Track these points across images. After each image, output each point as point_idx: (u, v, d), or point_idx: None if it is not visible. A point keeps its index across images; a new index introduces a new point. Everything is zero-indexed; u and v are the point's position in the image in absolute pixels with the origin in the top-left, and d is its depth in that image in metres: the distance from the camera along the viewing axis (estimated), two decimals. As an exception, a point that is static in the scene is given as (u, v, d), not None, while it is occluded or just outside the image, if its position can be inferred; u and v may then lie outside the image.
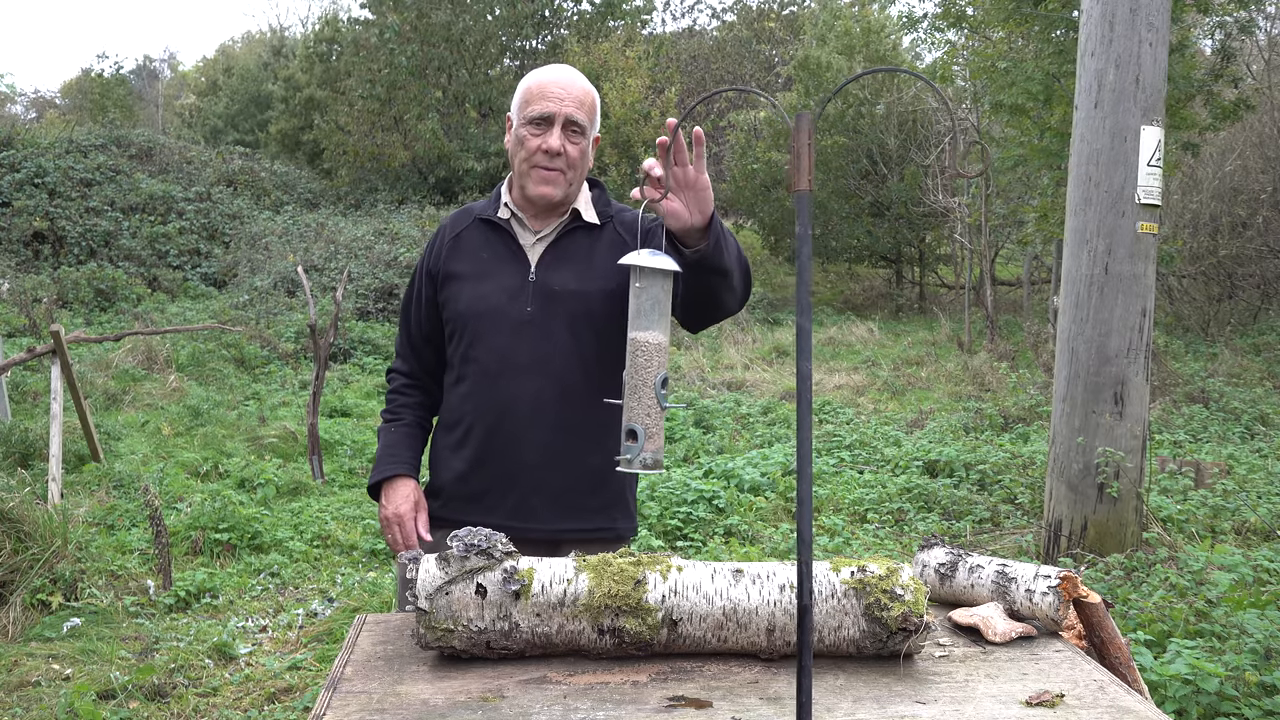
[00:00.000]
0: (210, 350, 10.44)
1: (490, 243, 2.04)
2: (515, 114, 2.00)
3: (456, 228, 2.09)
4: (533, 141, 1.95)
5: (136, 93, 33.72)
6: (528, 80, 2.00)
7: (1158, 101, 4.30)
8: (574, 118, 1.94)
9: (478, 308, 2.00)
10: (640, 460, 1.56)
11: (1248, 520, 5.06)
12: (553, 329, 1.98)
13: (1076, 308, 4.43)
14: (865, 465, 6.86)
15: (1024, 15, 9.32)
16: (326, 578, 4.94)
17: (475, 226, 2.07)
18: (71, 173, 16.20)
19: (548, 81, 1.96)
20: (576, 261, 2.01)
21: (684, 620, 1.48)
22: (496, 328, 1.98)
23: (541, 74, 1.99)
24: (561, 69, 2.00)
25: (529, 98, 1.96)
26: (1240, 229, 13.01)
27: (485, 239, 2.05)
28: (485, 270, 2.02)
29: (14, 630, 3.99)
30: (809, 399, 1.19)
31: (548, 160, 1.95)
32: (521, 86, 2.01)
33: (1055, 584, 1.60)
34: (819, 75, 17.40)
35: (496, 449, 1.99)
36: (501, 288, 1.99)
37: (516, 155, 1.99)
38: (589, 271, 2.00)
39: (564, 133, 1.95)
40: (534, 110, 1.94)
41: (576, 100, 1.95)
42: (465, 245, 2.06)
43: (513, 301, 1.98)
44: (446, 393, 2.10)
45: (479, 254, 2.04)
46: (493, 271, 2.01)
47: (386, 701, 1.37)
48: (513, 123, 2.01)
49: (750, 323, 14.47)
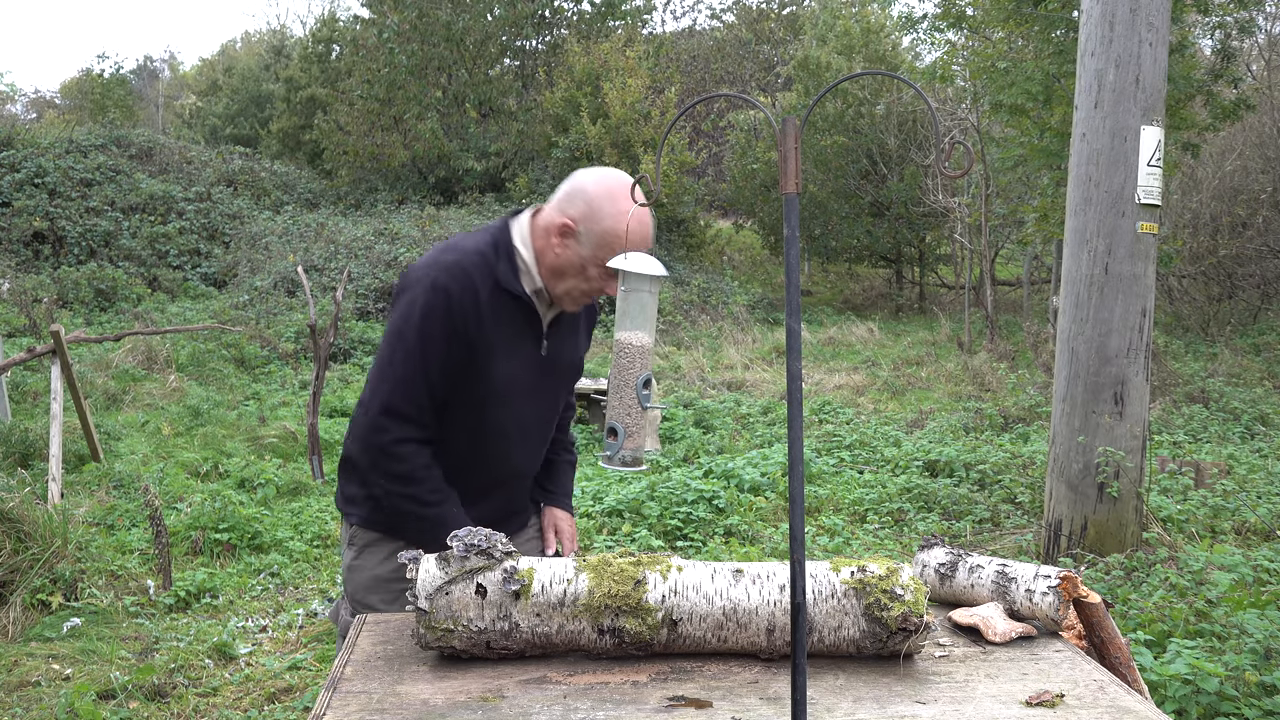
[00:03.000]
0: (210, 350, 10.44)
1: (515, 315, 1.98)
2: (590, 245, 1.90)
3: (481, 291, 1.93)
4: (598, 284, 1.94)
5: (136, 93, 33.71)
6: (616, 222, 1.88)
7: (1158, 101, 4.30)
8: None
9: (509, 384, 1.98)
10: (620, 457, 1.57)
11: (1248, 520, 5.06)
12: (553, 397, 2.13)
13: (1076, 308, 4.43)
14: (865, 465, 6.86)
15: (1024, 15, 9.31)
16: (326, 578, 4.94)
17: (501, 294, 1.95)
18: (71, 173, 16.20)
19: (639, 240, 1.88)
20: (571, 333, 2.13)
21: (684, 620, 1.48)
22: (518, 400, 2.02)
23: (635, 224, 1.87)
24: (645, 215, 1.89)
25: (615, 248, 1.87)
26: (1240, 229, 13.01)
27: (511, 309, 1.97)
28: (514, 344, 1.98)
29: (14, 630, 3.99)
30: (800, 398, 1.20)
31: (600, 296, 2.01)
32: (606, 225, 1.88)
33: (1055, 584, 1.60)
34: (819, 75, 17.39)
35: (499, 502, 2.11)
36: (526, 363, 2.01)
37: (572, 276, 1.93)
38: (575, 337, 2.14)
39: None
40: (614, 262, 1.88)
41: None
42: (496, 313, 1.95)
43: (530, 375, 2.02)
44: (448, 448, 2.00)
45: (506, 325, 1.97)
46: (519, 346, 1.99)
47: (386, 701, 1.37)
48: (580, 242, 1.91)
49: (750, 323, 14.47)
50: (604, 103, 17.81)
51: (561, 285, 1.96)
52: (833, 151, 17.19)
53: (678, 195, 17.80)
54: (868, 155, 17.45)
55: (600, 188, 1.90)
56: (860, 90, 17.14)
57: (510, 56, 21.74)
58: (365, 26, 20.68)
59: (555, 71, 19.64)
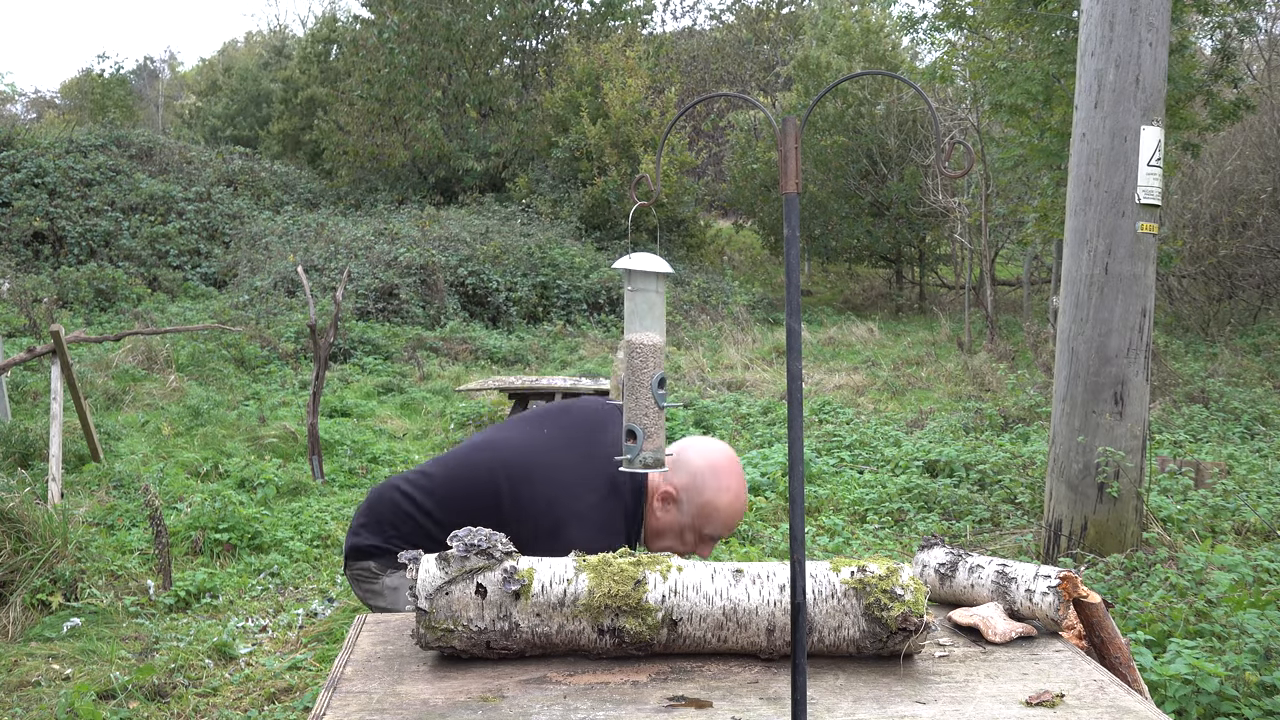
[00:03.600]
0: (210, 350, 10.44)
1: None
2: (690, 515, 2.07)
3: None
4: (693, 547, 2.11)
5: (136, 93, 33.71)
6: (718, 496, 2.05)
7: (1158, 101, 4.30)
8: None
9: None
10: (641, 460, 1.57)
11: (1248, 520, 5.06)
12: None
13: (1076, 308, 4.43)
14: (865, 465, 6.86)
15: (1024, 15, 9.31)
16: (326, 578, 4.94)
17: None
18: (71, 173, 16.20)
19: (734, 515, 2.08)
20: None
21: (684, 620, 1.48)
22: None
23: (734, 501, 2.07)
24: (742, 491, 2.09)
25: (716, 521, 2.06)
26: (1240, 229, 13.01)
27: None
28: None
29: (14, 630, 3.99)
30: (800, 398, 1.20)
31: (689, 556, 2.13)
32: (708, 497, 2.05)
33: (1055, 584, 1.60)
34: (819, 75, 17.40)
35: None
36: None
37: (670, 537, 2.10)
38: None
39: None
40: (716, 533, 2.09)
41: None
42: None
43: None
44: None
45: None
46: None
47: (386, 701, 1.37)
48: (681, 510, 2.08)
49: (750, 323, 14.48)
50: (604, 103, 17.82)
51: (658, 544, 2.12)
52: (833, 151, 17.19)
53: (678, 195, 17.81)
54: (868, 155, 17.45)
55: (704, 461, 2.08)
56: (860, 90, 17.14)
57: (510, 56, 21.75)
58: (365, 27, 20.69)
59: (555, 71, 19.64)
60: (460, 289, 14.12)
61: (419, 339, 12.13)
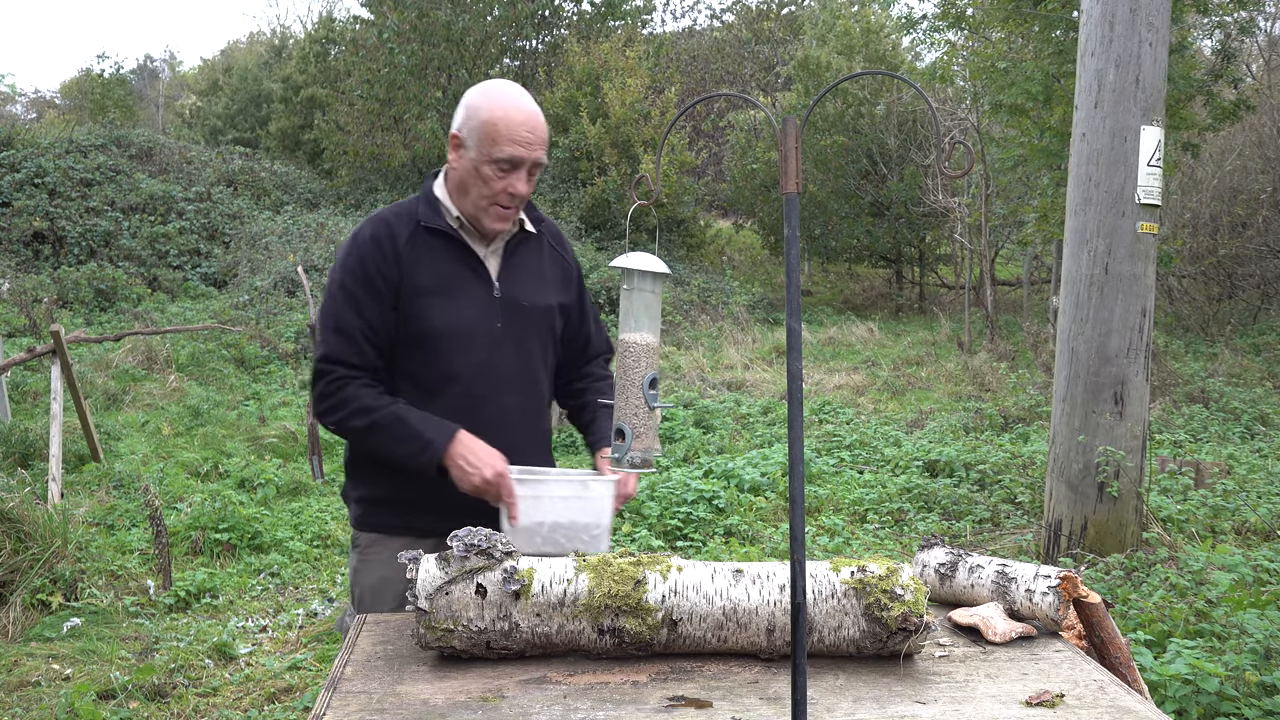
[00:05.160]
0: (210, 350, 10.44)
1: (448, 255, 2.00)
2: (475, 144, 1.92)
3: (399, 234, 1.98)
4: (498, 184, 1.93)
5: (136, 93, 33.71)
6: (491, 111, 1.91)
7: (1158, 101, 4.30)
8: (540, 160, 1.95)
9: (454, 324, 1.97)
10: (629, 459, 1.57)
11: (1248, 520, 5.06)
12: (524, 343, 2.05)
13: (1076, 308, 4.43)
14: (865, 465, 6.86)
15: (1024, 15, 9.31)
16: (326, 578, 4.94)
17: (423, 234, 1.99)
18: (71, 173, 16.20)
19: (517, 124, 1.90)
20: (531, 273, 2.07)
21: (684, 620, 1.48)
22: (474, 344, 1.98)
23: (508, 109, 1.91)
24: (523, 102, 1.93)
25: (496, 137, 1.90)
26: (1240, 229, 13.01)
27: (441, 250, 1.99)
28: (451, 285, 1.98)
29: (14, 630, 3.99)
30: (800, 398, 1.20)
31: (509, 200, 1.96)
32: (483, 116, 1.91)
33: (1055, 584, 1.60)
34: (819, 75, 17.39)
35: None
36: (472, 303, 1.98)
37: (473, 185, 1.95)
38: (542, 285, 2.09)
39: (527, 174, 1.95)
40: (503, 153, 1.90)
41: (542, 141, 1.94)
42: (422, 256, 1.98)
43: (484, 317, 1.99)
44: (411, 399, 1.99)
45: (438, 266, 1.99)
46: (459, 286, 1.99)
47: (386, 701, 1.37)
48: (466, 146, 1.94)
49: (750, 323, 14.47)
50: (604, 103, 17.80)
51: (468, 200, 1.97)
52: (833, 151, 17.19)
53: (678, 195, 17.80)
54: (868, 155, 17.45)
55: (475, 90, 1.96)
56: (860, 90, 17.14)
57: (510, 56, 21.74)
58: (365, 27, 20.69)
59: (555, 71, 19.64)
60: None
61: (419, 339, 12.12)
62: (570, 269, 2.19)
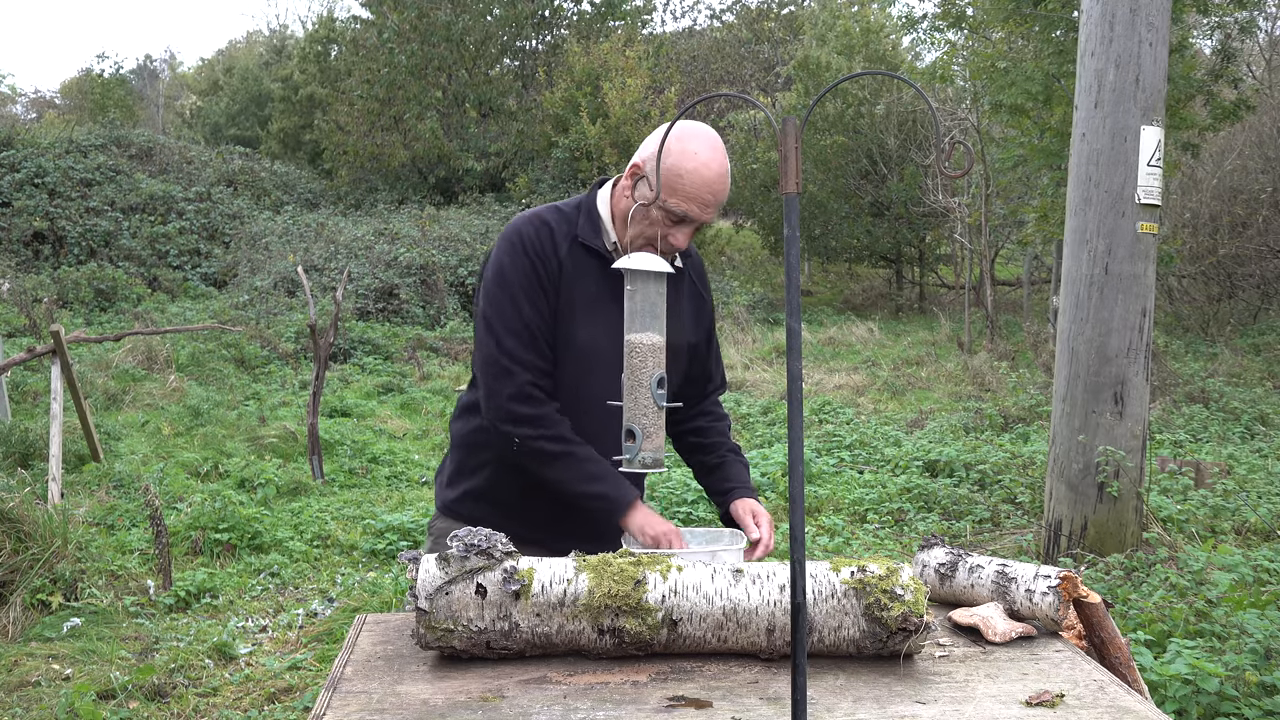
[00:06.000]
0: (210, 350, 10.44)
1: (599, 276, 1.94)
2: (654, 183, 1.83)
3: (560, 243, 1.93)
4: (661, 229, 1.87)
5: (136, 93, 33.73)
6: (681, 160, 1.82)
7: (1158, 101, 4.30)
8: (709, 222, 1.89)
9: (592, 347, 1.92)
10: (639, 459, 1.57)
11: (1248, 520, 5.06)
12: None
13: (1076, 308, 4.43)
14: (865, 465, 6.86)
15: (1024, 15, 9.31)
16: (326, 578, 4.94)
17: (580, 249, 1.94)
18: (71, 173, 16.20)
19: (703, 183, 1.83)
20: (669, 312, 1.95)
21: (684, 620, 1.48)
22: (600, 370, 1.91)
23: (699, 166, 1.82)
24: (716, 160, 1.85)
25: (677, 187, 1.83)
26: (1240, 229, 13.01)
27: (595, 270, 1.94)
28: (597, 306, 1.93)
29: (14, 630, 3.99)
30: (800, 398, 1.20)
31: (667, 249, 1.88)
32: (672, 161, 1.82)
33: (1055, 584, 1.60)
34: (819, 75, 17.39)
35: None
36: (609, 330, 1.89)
37: (638, 221, 1.88)
38: (678, 325, 1.97)
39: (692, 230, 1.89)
40: (679, 207, 1.83)
41: (719, 204, 1.88)
42: (580, 270, 1.93)
43: (613, 346, 1.88)
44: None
45: (590, 285, 1.94)
46: (602, 310, 1.93)
47: (386, 701, 1.37)
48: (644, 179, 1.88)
49: (750, 323, 14.47)
50: (604, 103, 17.82)
51: (629, 232, 1.89)
52: (833, 151, 17.19)
53: (678, 195, 17.79)
54: (868, 155, 17.45)
55: (677, 130, 1.84)
56: (860, 90, 17.14)
57: (510, 57, 21.75)
58: (365, 26, 20.70)
59: (555, 71, 19.65)
60: (460, 289, 14.12)
61: (419, 339, 12.13)
62: (706, 306, 2.13)
